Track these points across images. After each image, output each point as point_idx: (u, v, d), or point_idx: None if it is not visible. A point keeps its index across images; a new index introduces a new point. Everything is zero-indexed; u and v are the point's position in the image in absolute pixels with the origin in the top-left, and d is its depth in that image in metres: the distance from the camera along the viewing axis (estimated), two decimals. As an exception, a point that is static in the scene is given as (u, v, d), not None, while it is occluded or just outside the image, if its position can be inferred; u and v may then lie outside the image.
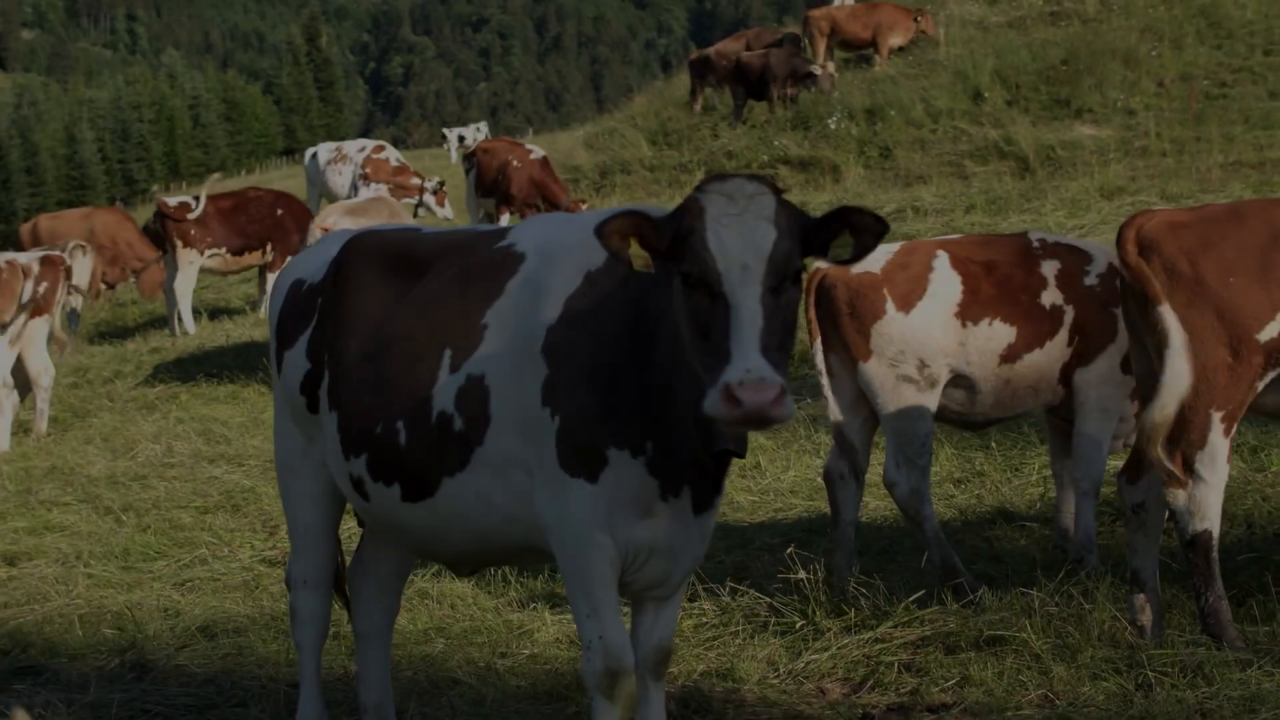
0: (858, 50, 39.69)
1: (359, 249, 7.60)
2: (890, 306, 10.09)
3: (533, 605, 10.54)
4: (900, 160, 32.47)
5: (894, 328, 10.08)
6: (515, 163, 28.49)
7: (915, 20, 38.81)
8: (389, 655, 8.16)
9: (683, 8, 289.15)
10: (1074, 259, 10.46)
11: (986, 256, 10.36)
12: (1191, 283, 8.37)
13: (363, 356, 7.28)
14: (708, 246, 5.94)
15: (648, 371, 6.45)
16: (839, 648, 8.91)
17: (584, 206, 28.29)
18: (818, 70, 35.85)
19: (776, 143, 34.27)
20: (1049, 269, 10.38)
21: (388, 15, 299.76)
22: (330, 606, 8.12)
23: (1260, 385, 8.46)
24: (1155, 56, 35.22)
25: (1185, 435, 8.44)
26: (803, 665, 8.80)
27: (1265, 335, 8.33)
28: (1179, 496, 8.49)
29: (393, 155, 29.36)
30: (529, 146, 30.16)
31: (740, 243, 5.92)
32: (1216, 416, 8.38)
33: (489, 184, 28.62)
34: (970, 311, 10.18)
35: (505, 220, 28.51)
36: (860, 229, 6.18)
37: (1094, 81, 34.03)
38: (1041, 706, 7.95)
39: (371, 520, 7.59)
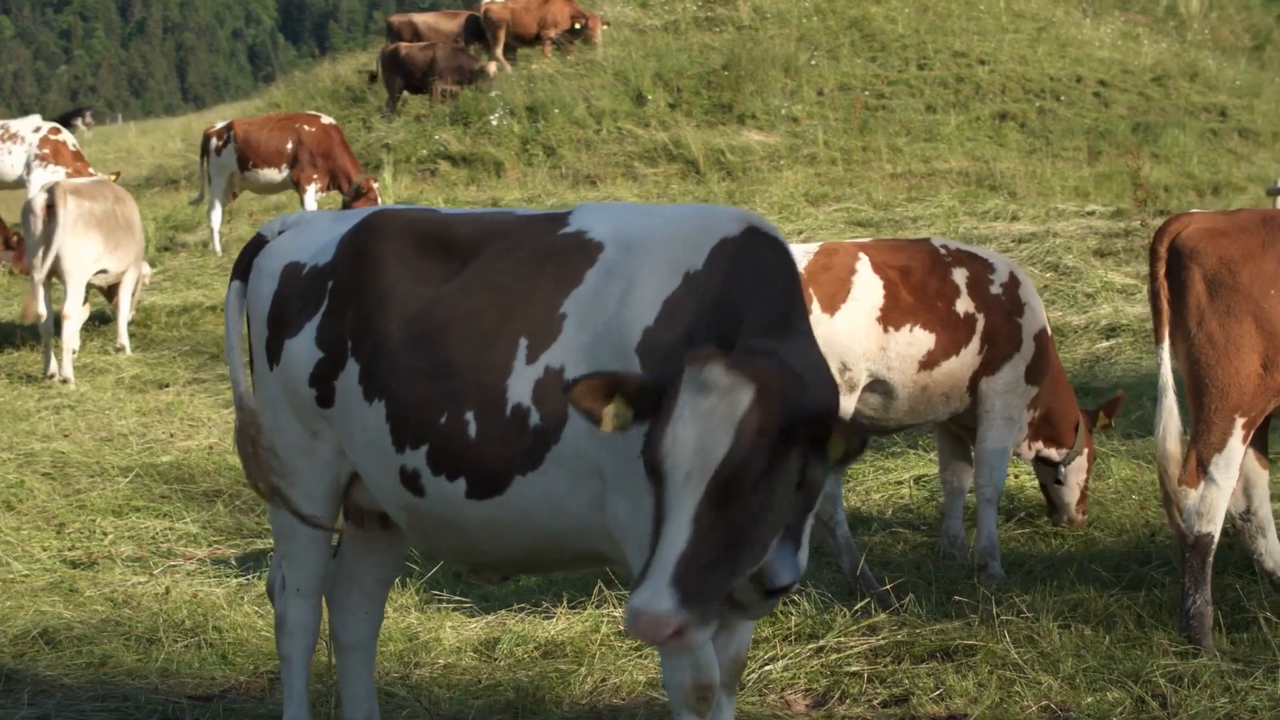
0: (529, 45, 39.39)
1: (383, 228, 6.98)
2: (815, 308, 9.88)
3: (416, 611, 10.09)
4: (567, 159, 32.42)
5: (818, 330, 9.81)
6: (308, 128, 26.86)
7: (575, 22, 38.49)
8: (373, 667, 7.67)
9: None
10: (979, 267, 10.47)
11: (902, 262, 10.26)
12: (1230, 291, 8.42)
13: (410, 341, 6.70)
14: (662, 441, 5.51)
15: None
16: (790, 658, 8.63)
17: (376, 185, 26.43)
18: (488, 68, 35.59)
19: (436, 137, 33.87)
20: (960, 276, 10.36)
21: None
22: (320, 616, 7.52)
23: None
24: (813, 66, 35.90)
25: (1204, 437, 8.52)
26: (755, 676, 8.51)
27: None
28: (1189, 496, 8.55)
29: (69, 139, 27.77)
30: (310, 113, 28.71)
31: (692, 446, 5.44)
32: (1239, 422, 8.46)
33: (260, 158, 26.83)
34: (891, 317, 10.09)
35: (311, 194, 26.57)
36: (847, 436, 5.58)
37: (755, 88, 34.52)
38: (1046, 718, 7.87)
39: (416, 518, 6.89)
